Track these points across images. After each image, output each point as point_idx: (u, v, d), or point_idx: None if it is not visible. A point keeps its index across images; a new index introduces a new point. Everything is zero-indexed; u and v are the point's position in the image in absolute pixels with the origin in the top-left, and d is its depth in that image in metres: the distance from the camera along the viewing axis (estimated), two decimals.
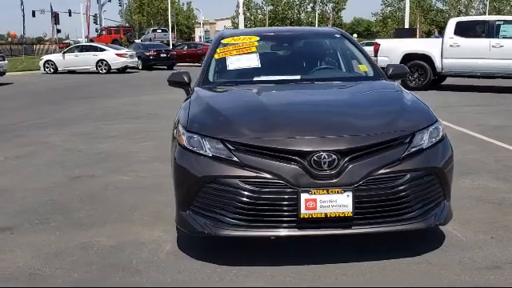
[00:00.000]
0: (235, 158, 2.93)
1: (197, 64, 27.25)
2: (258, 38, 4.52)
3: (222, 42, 4.55)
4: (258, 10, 69.29)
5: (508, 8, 69.04)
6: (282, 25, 66.82)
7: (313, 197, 2.82)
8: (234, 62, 4.29)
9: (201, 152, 3.05)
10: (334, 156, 2.83)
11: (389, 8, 74.06)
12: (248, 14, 64.41)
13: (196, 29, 76.83)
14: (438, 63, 12.39)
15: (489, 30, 11.73)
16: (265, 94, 3.63)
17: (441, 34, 23.44)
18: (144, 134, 7.48)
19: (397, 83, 3.93)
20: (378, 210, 2.90)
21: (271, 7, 67.96)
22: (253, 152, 2.93)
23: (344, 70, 4.43)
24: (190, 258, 3.12)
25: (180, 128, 3.28)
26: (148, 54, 23.85)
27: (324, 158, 2.83)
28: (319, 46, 4.75)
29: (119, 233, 3.57)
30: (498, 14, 56.00)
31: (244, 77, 4.15)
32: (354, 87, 3.81)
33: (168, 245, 3.35)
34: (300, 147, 2.87)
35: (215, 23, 78.51)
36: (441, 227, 3.32)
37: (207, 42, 34.48)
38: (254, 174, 2.88)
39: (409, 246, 3.18)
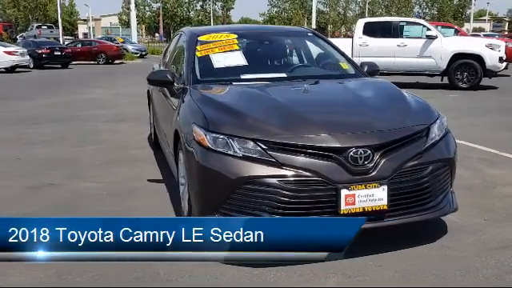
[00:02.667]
0: (271, 158, 2.89)
1: (92, 62, 25.92)
2: (236, 36, 4.46)
3: (199, 39, 4.43)
4: (147, 7, 67.61)
5: (380, 11, 75.03)
6: (172, 22, 65.94)
7: (352, 192, 2.88)
8: (221, 60, 4.20)
9: (229, 153, 2.96)
10: (369, 151, 2.92)
11: (275, 9, 76.63)
12: (136, 11, 62.54)
13: (79, 25, 72.85)
14: None
15: (394, 31, 12.69)
16: (274, 93, 3.60)
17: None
18: (80, 137, 6.96)
19: (387, 81, 4.13)
20: (407, 201, 3.04)
21: (159, 4, 66.63)
22: (289, 151, 2.91)
23: (324, 68, 4.53)
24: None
25: (197, 129, 3.14)
26: (40, 51, 22.05)
27: (360, 153, 2.90)
28: (295, 44, 4.80)
29: None
30: (373, 16, 60.64)
31: (232, 75, 4.08)
32: (355, 84, 3.92)
33: None
34: (337, 144, 2.91)
35: (100, 19, 75.14)
36: None
37: (104, 38, 32.75)
38: (293, 173, 2.87)
39: (418, 234, 3.36)
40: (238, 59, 4.22)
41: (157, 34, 65.94)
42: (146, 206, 4.04)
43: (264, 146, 2.93)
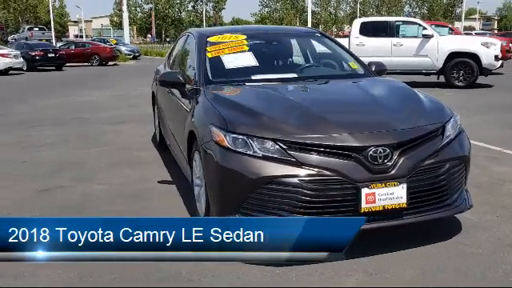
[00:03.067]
0: (292, 158, 2.91)
1: (86, 64, 25.81)
2: (246, 37, 4.48)
3: (209, 40, 4.44)
4: (138, 8, 67.34)
5: (371, 10, 75.38)
6: (164, 23, 65.78)
7: (372, 191, 2.91)
8: (232, 61, 4.21)
9: (249, 153, 2.98)
10: (388, 150, 2.95)
11: (266, 9, 76.71)
12: (128, 13, 62.27)
13: (70, 27, 72.51)
14: None
15: (390, 30, 12.77)
16: (289, 93, 3.62)
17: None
18: (83, 140, 6.93)
19: (398, 80, 4.17)
20: (425, 199, 3.07)
21: (151, 5, 66.41)
22: (309, 150, 2.93)
23: (334, 68, 4.56)
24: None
25: (215, 129, 3.15)
26: (33, 53, 21.90)
27: (380, 152, 2.93)
28: (303, 45, 4.82)
29: None
30: (364, 16, 60.87)
31: (244, 75, 4.09)
32: (367, 84, 3.95)
33: None
34: (357, 143, 2.94)
35: (91, 21, 74.81)
36: None
37: (96, 40, 32.57)
38: (314, 172, 2.89)
39: (433, 232, 3.39)
40: (248, 60, 4.24)
41: (149, 35, 65.77)
42: (160, 207, 4.05)
43: (284, 146, 2.95)
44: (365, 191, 2.89)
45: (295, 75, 4.24)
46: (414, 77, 13.22)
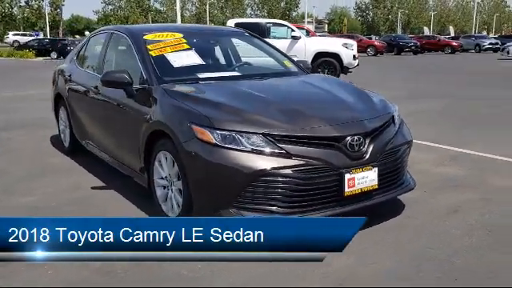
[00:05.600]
0: (282, 150, 3.09)
1: None
2: (182, 35, 4.49)
3: (145, 38, 4.36)
4: None
5: (215, 11, 77.21)
6: None
7: (352, 176, 3.23)
8: (177, 60, 4.20)
9: (240, 148, 3.08)
10: (361, 138, 3.30)
11: (110, 6, 73.75)
12: None
13: None
14: None
15: (262, 31, 13.42)
16: (254, 90, 3.74)
17: None
18: None
19: (334, 77, 4.56)
20: (390, 180, 3.50)
21: None
22: (297, 142, 3.15)
23: (270, 66, 4.79)
24: None
25: (198, 127, 3.21)
26: None
27: (355, 140, 3.27)
28: (238, 44, 4.97)
29: None
30: (210, 16, 61.99)
31: (191, 74, 4.12)
32: (316, 80, 4.26)
33: None
34: (338, 133, 3.24)
35: None
36: None
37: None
38: (303, 162, 3.11)
39: (383, 210, 3.84)
40: (193, 58, 4.27)
41: None
42: (116, 212, 3.87)
43: (273, 140, 3.11)
44: (347, 176, 3.20)
45: (238, 73, 4.40)
46: None
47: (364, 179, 3.28)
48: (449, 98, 10.99)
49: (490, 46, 40.84)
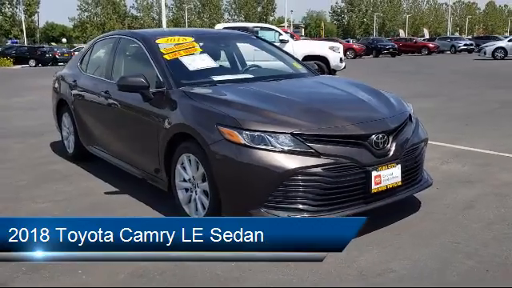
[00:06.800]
0: (311, 149, 3.13)
1: None
2: (193, 39, 4.50)
3: (158, 42, 4.36)
4: None
5: (193, 17, 77.02)
6: None
7: (379, 173, 3.29)
8: (191, 63, 4.20)
9: (269, 148, 3.11)
10: (385, 136, 3.36)
11: (86, 13, 73.01)
12: None
13: None
14: None
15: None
16: (275, 91, 3.77)
17: None
18: None
19: (346, 77, 4.63)
20: (411, 176, 3.58)
21: None
22: (325, 141, 3.19)
23: (281, 68, 4.83)
24: None
25: (225, 128, 3.23)
26: None
27: (380, 138, 3.33)
28: (245, 47, 5.00)
29: None
30: (188, 21, 61.89)
31: (207, 76, 4.13)
32: (332, 82, 4.32)
33: None
34: (364, 131, 3.30)
35: None
36: None
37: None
38: (332, 161, 3.15)
39: (402, 207, 3.92)
40: (207, 61, 4.28)
41: None
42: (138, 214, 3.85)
43: (302, 139, 3.15)
44: (374, 174, 3.26)
45: (251, 75, 4.43)
46: None
47: (389, 176, 3.34)
48: (441, 96, 11.25)
49: (465, 47, 41.78)
